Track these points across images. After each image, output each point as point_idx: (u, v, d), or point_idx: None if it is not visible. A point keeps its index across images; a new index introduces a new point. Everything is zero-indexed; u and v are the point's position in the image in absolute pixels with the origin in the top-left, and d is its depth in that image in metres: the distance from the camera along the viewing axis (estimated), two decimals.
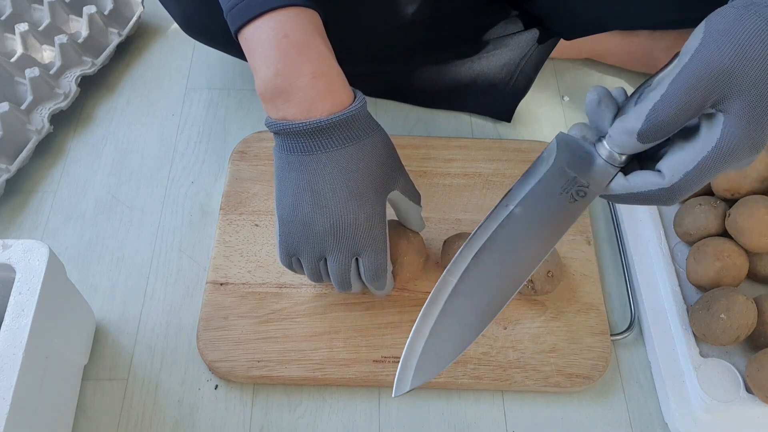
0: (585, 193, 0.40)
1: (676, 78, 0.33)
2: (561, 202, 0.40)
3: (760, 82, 0.32)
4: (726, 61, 0.32)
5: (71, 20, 0.75)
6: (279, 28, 0.42)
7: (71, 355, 0.52)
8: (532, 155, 0.67)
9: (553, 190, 0.40)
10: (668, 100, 0.34)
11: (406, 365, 0.39)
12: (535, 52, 0.71)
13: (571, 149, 0.41)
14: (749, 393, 0.50)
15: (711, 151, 0.34)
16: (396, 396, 0.38)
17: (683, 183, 0.36)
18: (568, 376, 0.54)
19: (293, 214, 0.46)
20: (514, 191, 0.41)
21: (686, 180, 0.36)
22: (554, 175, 0.40)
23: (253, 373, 0.53)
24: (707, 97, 0.33)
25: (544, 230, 0.40)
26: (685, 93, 0.33)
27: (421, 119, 0.73)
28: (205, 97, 0.74)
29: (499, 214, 0.41)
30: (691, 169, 0.35)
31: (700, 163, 0.35)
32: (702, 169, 0.35)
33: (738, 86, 0.32)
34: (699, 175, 0.35)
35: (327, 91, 0.43)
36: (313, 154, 0.44)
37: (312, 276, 0.49)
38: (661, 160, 0.37)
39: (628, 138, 0.36)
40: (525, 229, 0.40)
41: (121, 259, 0.62)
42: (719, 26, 0.33)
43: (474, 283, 0.40)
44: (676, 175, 0.36)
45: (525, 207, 0.40)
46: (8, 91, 0.69)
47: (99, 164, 0.68)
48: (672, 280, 0.56)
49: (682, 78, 0.33)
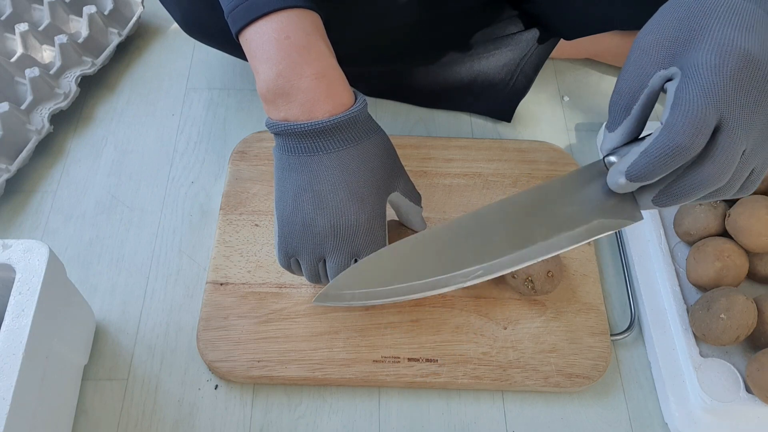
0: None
1: (646, 151, 0.34)
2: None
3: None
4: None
5: (71, 20, 0.75)
6: (280, 29, 0.42)
7: (71, 355, 0.52)
8: (532, 155, 0.67)
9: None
10: (639, 164, 0.35)
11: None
12: (535, 52, 0.71)
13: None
14: (749, 393, 0.50)
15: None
16: (315, 303, 0.43)
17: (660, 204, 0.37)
18: (568, 376, 0.54)
19: (293, 215, 0.46)
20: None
21: (658, 204, 0.37)
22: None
23: (253, 373, 0.53)
24: (675, 164, 0.34)
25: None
26: (653, 164, 0.34)
27: (421, 119, 0.73)
28: (205, 97, 0.74)
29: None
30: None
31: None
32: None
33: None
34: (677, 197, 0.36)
35: (328, 92, 0.43)
36: (314, 155, 0.44)
37: (311, 277, 0.49)
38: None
39: (622, 181, 0.37)
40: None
41: (121, 259, 0.62)
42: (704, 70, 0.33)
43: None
44: (645, 203, 0.38)
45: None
46: (8, 91, 0.69)
47: (99, 164, 0.68)
48: (672, 280, 0.56)
49: (651, 151, 0.34)
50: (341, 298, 0.45)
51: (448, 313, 0.56)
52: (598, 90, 0.76)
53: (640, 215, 0.40)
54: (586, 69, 0.78)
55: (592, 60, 0.78)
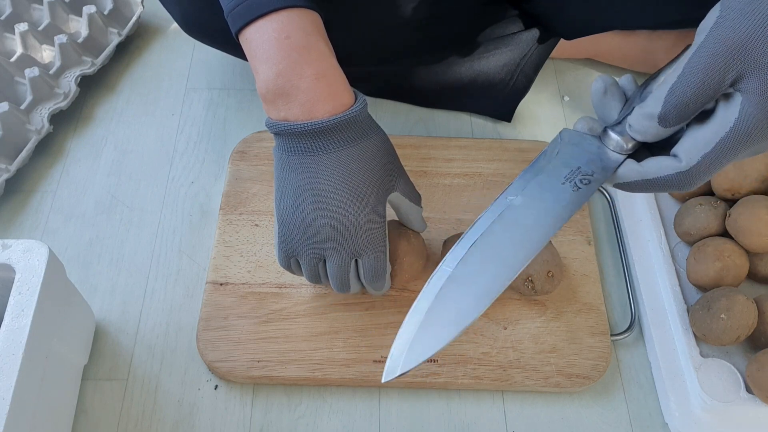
0: (589, 180, 0.39)
1: (692, 56, 0.33)
2: (564, 192, 0.39)
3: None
4: (743, 38, 0.31)
5: (71, 20, 0.75)
6: (280, 29, 0.42)
7: (71, 355, 0.52)
8: (532, 155, 0.67)
9: (555, 181, 0.40)
10: (686, 79, 0.33)
11: (399, 349, 0.37)
12: (535, 52, 0.71)
13: (575, 142, 0.40)
14: (749, 393, 0.50)
15: (729, 131, 0.33)
16: (386, 381, 0.37)
17: (701, 166, 0.35)
18: (568, 376, 0.54)
19: (293, 215, 0.46)
20: (515, 183, 0.40)
21: (704, 162, 0.35)
22: (557, 167, 0.40)
23: (253, 373, 0.53)
24: (725, 74, 0.32)
25: (545, 218, 0.39)
26: (702, 70, 0.32)
27: (421, 119, 0.73)
28: (205, 97, 0.74)
29: (498, 205, 0.40)
30: (710, 150, 0.34)
31: (718, 145, 0.34)
32: (720, 150, 0.34)
33: (756, 64, 0.32)
34: (717, 157, 0.34)
35: (328, 92, 0.43)
36: (314, 155, 0.44)
37: (311, 277, 0.49)
38: (677, 144, 0.36)
39: (648, 123, 0.35)
40: (525, 218, 0.39)
41: (121, 259, 0.62)
42: (736, 4, 0.32)
43: (471, 271, 0.39)
44: (694, 157, 0.35)
45: (526, 197, 0.40)
46: (8, 91, 0.69)
47: (99, 164, 0.68)
48: (672, 280, 0.56)
49: (698, 56, 0.33)
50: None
51: None
52: None
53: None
54: (586, 69, 0.78)
55: (592, 60, 0.78)
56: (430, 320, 0.38)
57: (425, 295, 0.38)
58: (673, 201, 0.61)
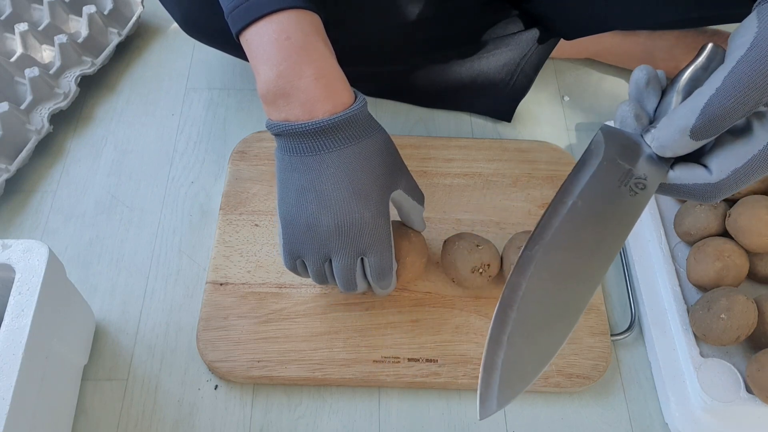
0: (644, 185, 0.38)
1: (733, 70, 0.32)
2: (622, 196, 0.38)
3: None
4: None
5: (71, 20, 0.75)
6: (281, 30, 0.42)
7: (71, 355, 0.52)
8: (532, 155, 0.67)
9: (611, 183, 0.38)
10: (725, 93, 0.32)
11: (489, 381, 0.34)
12: (535, 52, 0.71)
13: (619, 140, 0.39)
14: (749, 393, 0.50)
15: (763, 149, 0.34)
16: (482, 418, 0.35)
17: (730, 180, 0.35)
18: (568, 376, 0.54)
19: (297, 215, 0.46)
20: (569, 185, 0.38)
21: (733, 177, 0.35)
22: (608, 167, 0.38)
23: (253, 373, 0.53)
24: (765, 92, 0.32)
25: (612, 225, 0.37)
26: (744, 87, 0.32)
27: (421, 119, 0.73)
28: (205, 97, 0.74)
29: (558, 210, 0.37)
30: (740, 166, 0.34)
31: (750, 161, 0.34)
32: (751, 167, 0.34)
33: None
34: (747, 173, 0.35)
35: (328, 92, 0.43)
36: (315, 154, 0.44)
37: (317, 278, 0.49)
38: (710, 156, 0.36)
39: (679, 136, 0.35)
40: (591, 224, 0.37)
41: (121, 259, 0.62)
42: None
43: (546, 285, 0.36)
44: (724, 171, 0.35)
45: (586, 200, 0.37)
46: (8, 91, 0.69)
47: (99, 164, 0.68)
48: (672, 280, 0.56)
49: (740, 71, 0.32)
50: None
51: (448, 313, 0.56)
52: (599, 90, 0.76)
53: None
54: (586, 69, 0.78)
55: (592, 60, 0.78)
56: (515, 346, 0.35)
57: (503, 315, 0.36)
58: (673, 201, 0.61)
